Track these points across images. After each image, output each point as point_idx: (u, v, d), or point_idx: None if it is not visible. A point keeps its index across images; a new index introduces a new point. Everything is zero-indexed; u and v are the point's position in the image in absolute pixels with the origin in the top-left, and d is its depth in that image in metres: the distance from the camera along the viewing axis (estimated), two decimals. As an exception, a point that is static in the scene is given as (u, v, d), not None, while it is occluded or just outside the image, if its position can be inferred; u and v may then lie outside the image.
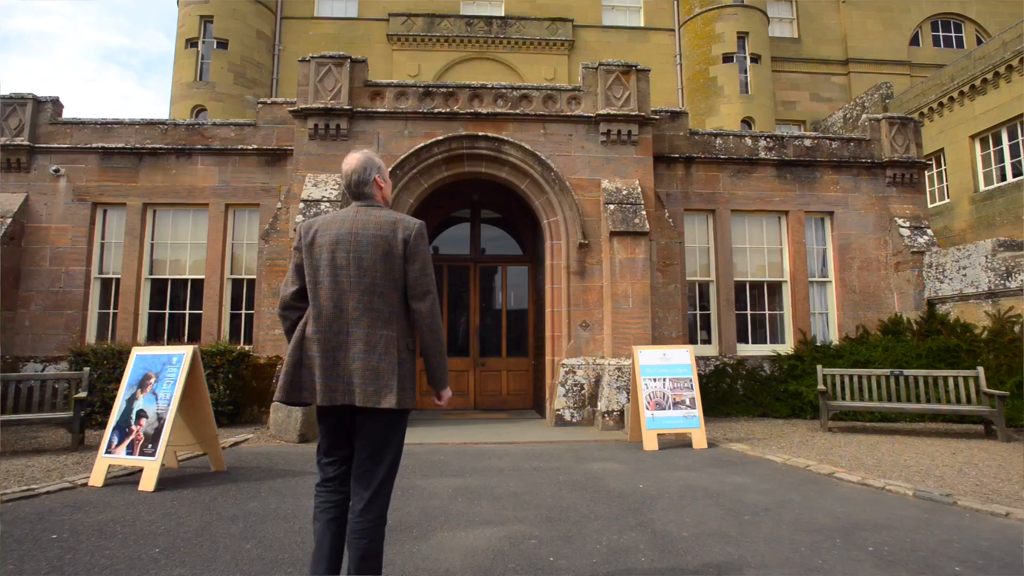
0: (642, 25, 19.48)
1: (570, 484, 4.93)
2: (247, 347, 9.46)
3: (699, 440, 6.58)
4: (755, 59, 17.86)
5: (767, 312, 10.72)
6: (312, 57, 9.10)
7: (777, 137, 10.85)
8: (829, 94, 19.54)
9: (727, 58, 17.75)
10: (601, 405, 8.14)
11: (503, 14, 18.94)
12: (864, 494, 4.65)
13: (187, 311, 10.03)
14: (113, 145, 9.94)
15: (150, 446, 4.76)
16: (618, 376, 8.21)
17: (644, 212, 8.81)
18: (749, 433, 7.80)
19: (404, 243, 2.42)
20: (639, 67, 9.43)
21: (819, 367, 8.42)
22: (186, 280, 10.10)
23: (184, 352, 5.03)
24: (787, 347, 10.44)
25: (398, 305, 2.43)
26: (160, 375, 5.00)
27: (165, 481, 4.87)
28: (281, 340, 8.87)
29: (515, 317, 11.08)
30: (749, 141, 10.74)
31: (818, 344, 10.23)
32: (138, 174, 10.00)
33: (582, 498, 4.50)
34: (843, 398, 8.23)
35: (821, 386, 8.13)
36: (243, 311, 10.00)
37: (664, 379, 6.77)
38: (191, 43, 16.86)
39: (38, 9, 59.25)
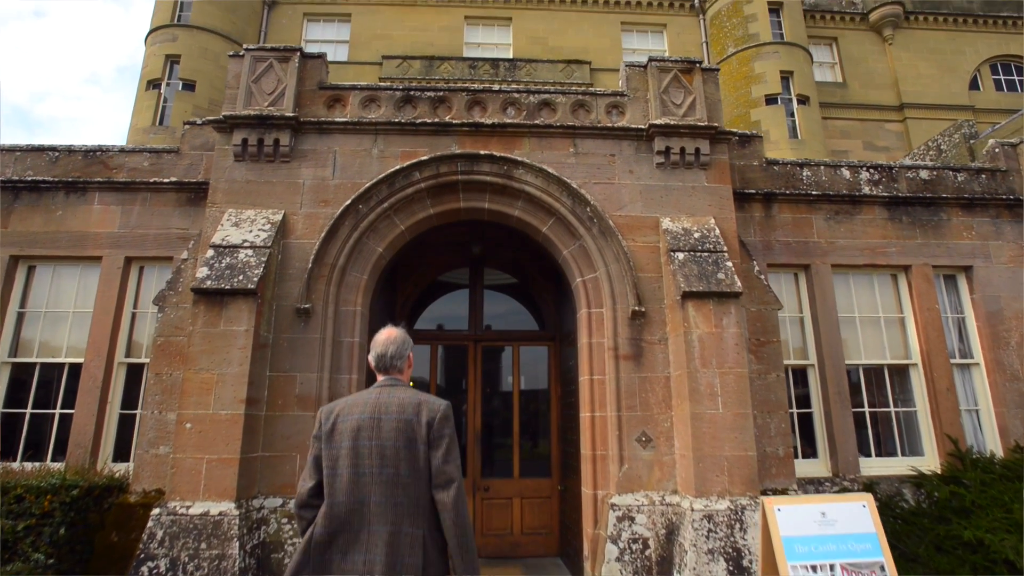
0: (667, 69, 17.34)
1: None
2: (130, 469, 6.28)
3: None
4: (803, 100, 15.50)
5: (892, 409, 7.50)
6: (248, 50, 6.47)
7: (884, 167, 8.04)
8: (884, 142, 17.07)
9: (770, 100, 15.40)
10: (684, 582, 4.82)
11: (511, 56, 16.88)
12: None
13: (58, 410, 6.91)
14: (-22, 178, 7.21)
15: None
16: (709, 531, 4.93)
17: (730, 263, 5.82)
18: (957, 645, 4.41)
19: (428, 426, 2.32)
20: (704, 65, 6.76)
21: (1036, 511, 5.14)
22: (62, 365, 7.06)
23: None
24: (927, 460, 7.16)
25: (423, 497, 2.27)
26: None
27: None
28: (165, 463, 5.69)
29: (531, 419, 7.87)
30: (847, 172, 7.92)
31: (975, 456, 6.96)
32: (10, 216, 7.18)
33: None
34: (1091, 568, 4.90)
35: (1057, 550, 4.82)
36: (139, 411, 6.87)
37: (833, 566, 3.52)
38: (153, 84, 14.69)
39: (71, 95, 60.14)
